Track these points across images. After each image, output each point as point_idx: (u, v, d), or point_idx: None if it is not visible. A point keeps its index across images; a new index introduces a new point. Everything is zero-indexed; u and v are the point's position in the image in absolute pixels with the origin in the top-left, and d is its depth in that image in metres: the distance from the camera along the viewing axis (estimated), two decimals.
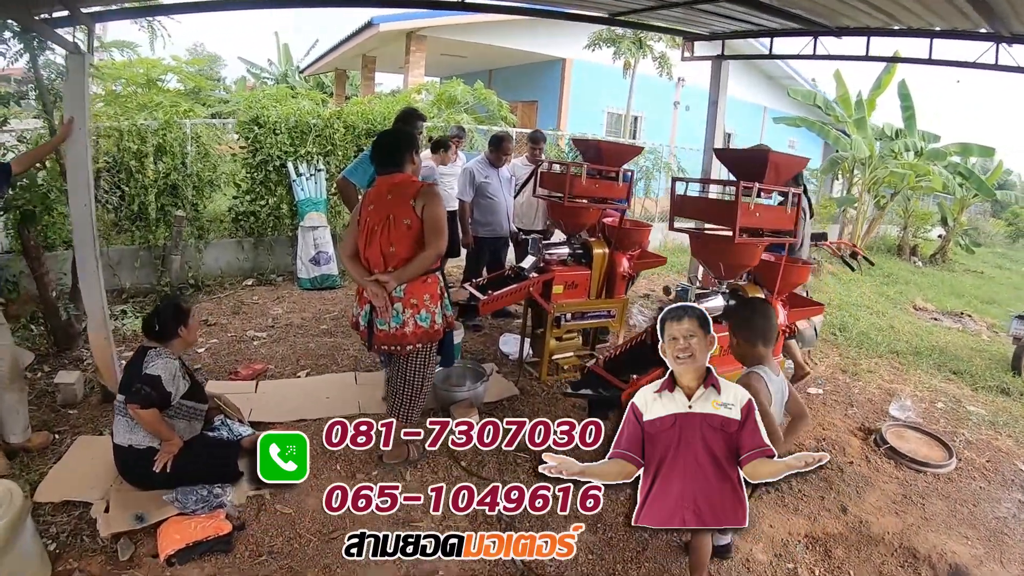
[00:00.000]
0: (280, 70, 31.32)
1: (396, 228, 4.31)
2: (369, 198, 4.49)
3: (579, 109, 21.03)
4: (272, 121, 9.97)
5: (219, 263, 10.03)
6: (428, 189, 4.40)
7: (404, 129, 5.69)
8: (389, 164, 4.46)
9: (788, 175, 5.08)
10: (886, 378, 7.95)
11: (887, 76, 17.72)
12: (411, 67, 18.20)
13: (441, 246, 4.39)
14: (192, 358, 6.79)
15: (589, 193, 6.49)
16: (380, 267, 4.39)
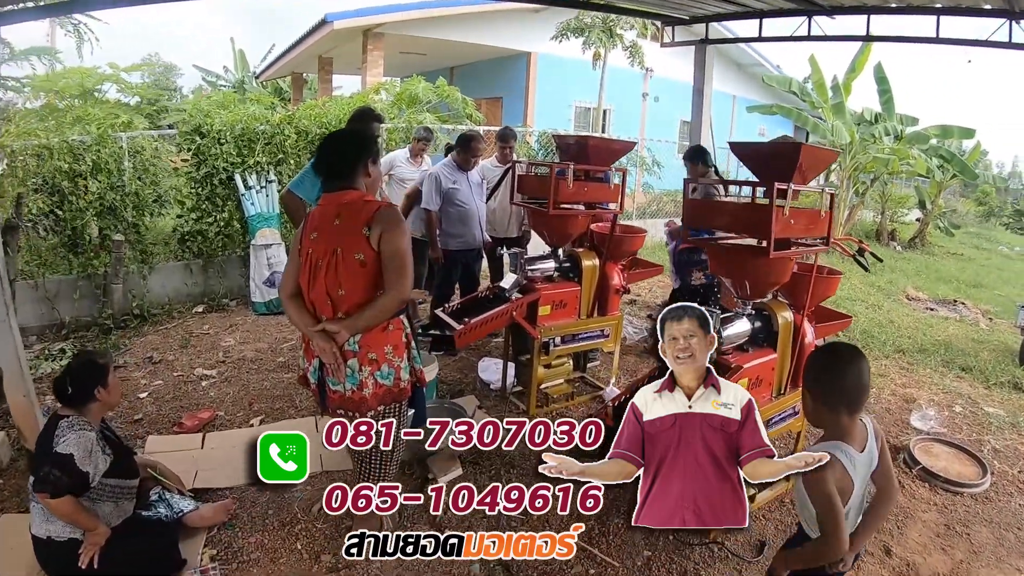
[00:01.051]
0: (237, 77, 30.56)
1: (345, 264, 3.38)
2: (312, 222, 3.54)
3: (546, 104, 20.38)
4: (216, 130, 9.18)
5: (166, 289, 9.22)
6: (387, 212, 3.42)
7: (359, 130, 4.48)
8: (336, 177, 3.52)
9: (820, 170, 4.55)
10: (898, 382, 7.63)
11: (861, 59, 17.43)
12: (369, 66, 17.43)
13: (404, 289, 3.42)
14: (133, 405, 6.17)
15: (577, 198, 5.72)
16: (328, 312, 3.47)
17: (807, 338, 4.71)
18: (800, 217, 4.11)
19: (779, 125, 25.71)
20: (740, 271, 4.35)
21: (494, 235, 7.70)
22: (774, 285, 4.46)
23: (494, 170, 7.82)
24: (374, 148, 3.68)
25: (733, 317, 4.39)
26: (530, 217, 6.55)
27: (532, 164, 6.69)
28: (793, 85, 17.96)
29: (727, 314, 4.42)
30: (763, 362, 4.48)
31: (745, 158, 4.60)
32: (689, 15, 8.97)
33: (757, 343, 4.58)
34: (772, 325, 4.62)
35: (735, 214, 4.34)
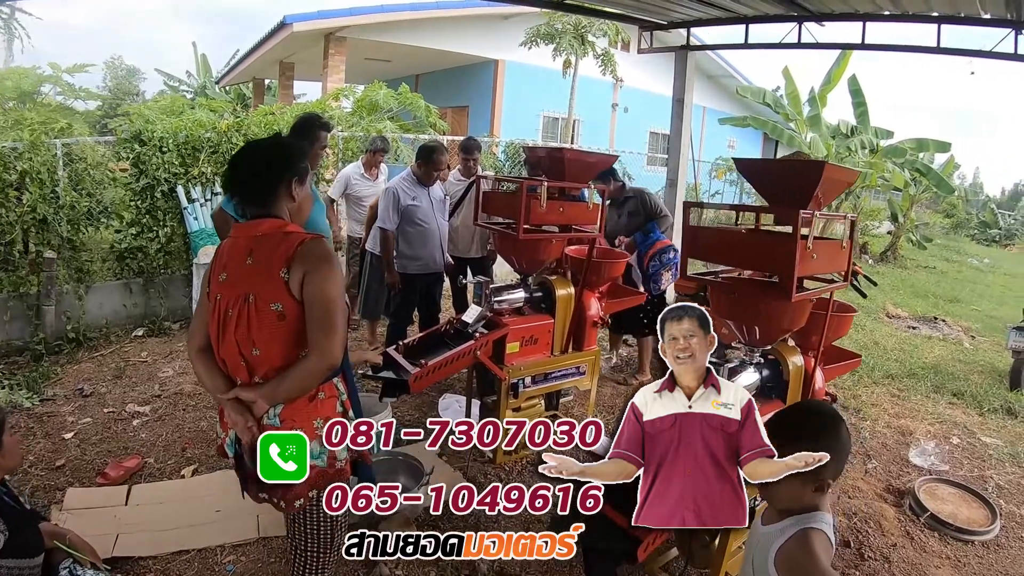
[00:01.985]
0: (199, 82, 30.14)
1: (259, 316, 2.63)
2: (220, 260, 2.78)
3: (513, 114, 19.84)
4: (158, 137, 8.44)
5: (104, 310, 8.48)
6: (313, 248, 2.66)
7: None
8: (249, 201, 2.80)
9: (838, 193, 4.08)
10: (891, 411, 7.37)
11: (838, 70, 17.36)
12: (330, 71, 16.82)
13: (332, 351, 2.63)
14: (57, 447, 5.55)
15: (550, 220, 5.06)
16: (243, 375, 2.73)
17: (817, 384, 4.13)
18: (822, 250, 3.48)
19: (750, 137, 25.49)
20: (751, 315, 3.72)
21: (456, 255, 7.08)
22: (789, 331, 3.86)
23: (457, 184, 7.22)
24: (300, 164, 2.87)
25: (739, 368, 3.78)
26: (496, 241, 5.87)
27: (500, 179, 5.97)
28: (767, 96, 17.65)
29: (731, 365, 3.77)
30: None
31: (754, 177, 3.95)
32: (667, 20, 8.48)
33: (765, 394, 3.98)
34: (782, 373, 4.01)
35: (749, 246, 3.67)
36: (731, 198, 17.98)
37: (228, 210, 4.45)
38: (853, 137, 17.89)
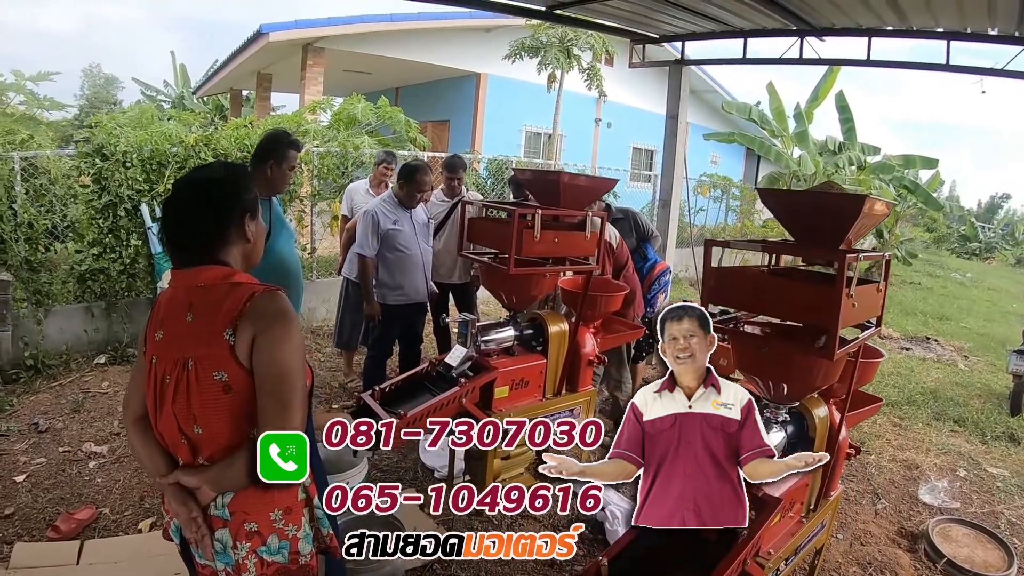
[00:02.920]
0: (177, 92, 29.82)
1: (200, 387, 2.15)
2: (157, 314, 2.32)
3: (495, 128, 19.52)
4: (121, 152, 7.94)
5: (64, 335, 8.01)
6: (264, 304, 2.20)
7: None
8: (185, 247, 2.28)
9: (871, 229, 3.80)
10: (894, 443, 7.20)
11: (825, 86, 17.15)
12: (308, 83, 16.49)
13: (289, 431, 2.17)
14: (8, 492, 5.16)
15: (545, 252, 4.57)
16: (184, 454, 2.25)
17: (841, 434, 3.71)
18: (861, 297, 3.05)
19: (733, 153, 25.34)
20: (780, 372, 3.30)
21: (437, 280, 6.65)
22: (821, 388, 3.44)
23: (439, 205, 6.83)
24: (249, 196, 2.37)
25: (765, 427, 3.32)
26: (483, 274, 5.40)
27: (489, 205, 5.46)
28: (753, 112, 17.41)
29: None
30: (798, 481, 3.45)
31: (779, 210, 3.48)
32: (660, 33, 8.14)
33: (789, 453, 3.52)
34: (807, 429, 3.61)
35: (783, 294, 3.18)
36: (715, 215, 17.66)
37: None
38: (841, 154, 17.78)
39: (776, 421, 3.45)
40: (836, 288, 2.81)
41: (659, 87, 18.55)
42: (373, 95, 14.78)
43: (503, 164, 12.78)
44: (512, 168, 9.56)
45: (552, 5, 7.14)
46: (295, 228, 9.45)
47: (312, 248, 9.90)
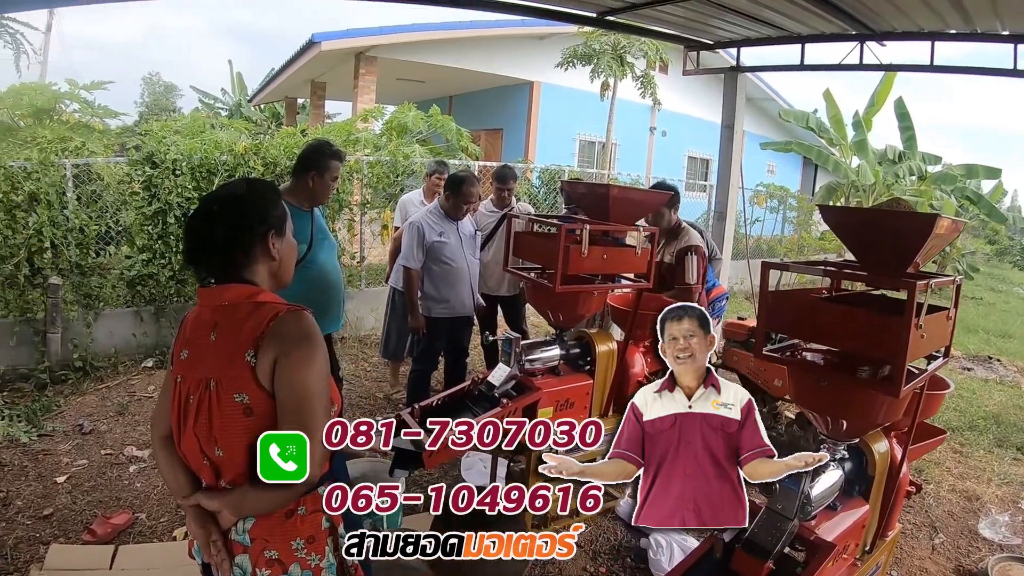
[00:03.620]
0: (234, 100, 30.13)
1: (222, 409, 2.08)
2: (184, 332, 2.25)
3: (549, 137, 19.38)
4: (171, 159, 8.00)
5: (113, 339, 8.13)
6: (288, 325, 2.10)
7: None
8: (207, 263, 2.20)
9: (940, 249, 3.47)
10: (954, 471, 6.75)
11: (882, 93, 16.62)
12: (360, 92, 16.47)
13: (311, 462, 2.07)
14: (48, 493, 5.22)
15: (593, 269, 4.42)
16: (207, 475, 2.18)
17: (902, 471, 3.50)
18: (930, 327, 2.81)
19: (790, 162, 24.97)
20: (840, 407, 3.08)
21: (485, 292, 6.53)
22: (883, 425, 3.23)
23: (489, 216, 6.72)
24: (275, 212, 2.28)
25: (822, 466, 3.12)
26: (530, 292, 5.23)
27: (534, 219, 5.30)
28: (810, 121, 17.05)
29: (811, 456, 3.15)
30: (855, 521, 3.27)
31: (842, 229, 3.25)
32: (715, 39, 7.96)
33: (847, 492, 3.36)
34: (866, 466, 3.41)
35: (845, 323, 2.93)
36: (772, 226, 17.31)
37: None
38: (901, 163, 17.40)
39: (834, 458, 3.23)
40: (904, 319, 2.61)
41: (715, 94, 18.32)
42: (426, 103, 14.75)
43: (556, 174, 12.65)
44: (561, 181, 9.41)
45: (603, 12, 7.00)
46: (345, 236, 9.42)
47: (362, 257, 9.87)
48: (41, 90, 10.42)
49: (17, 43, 9.18)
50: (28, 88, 10.40)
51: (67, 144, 9.11)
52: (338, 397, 2.32)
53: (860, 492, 3.43)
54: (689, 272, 5.38)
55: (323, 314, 4.51)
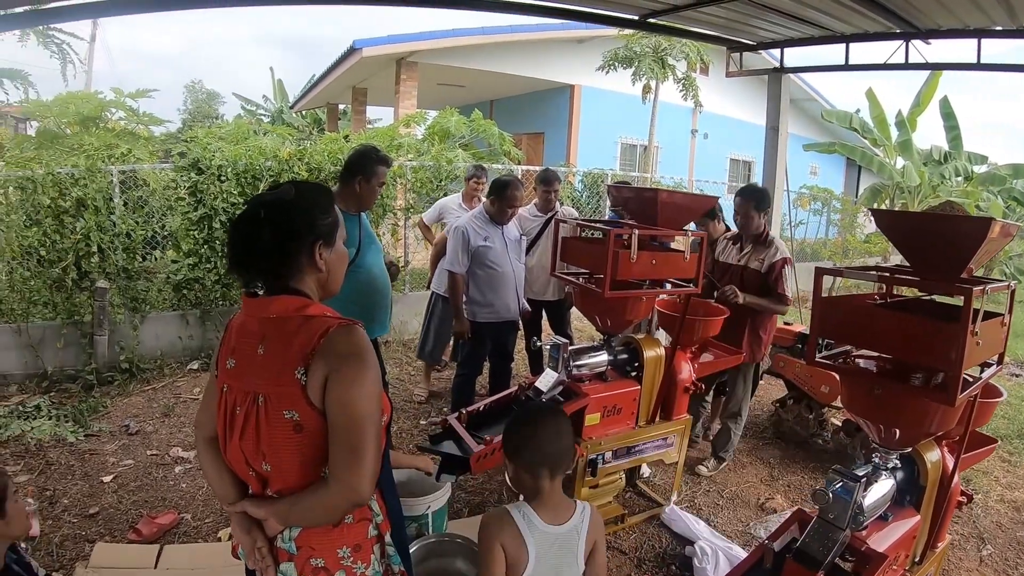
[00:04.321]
0: (275, 106, 30.42)
1: (270, 424, 2.01)
2: (229, 340, 2.19)
3: (590, 140, 19.27)
4: (216, 166, 8.10)
5: (159, 341, 8.24)
6: (340, 341, 2.01)
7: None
8: (256, 271, 2.11)
9: (994, 255, 3.27)
10: (1003, 481, 6.53)
11: (927, 92, 16.38)
12: (402, 97, 16.51)
13: (357, 486, 1.98)
14: (94, 492, 5.25)
15: (642, 274, 4.34)
16: (254, 484, 2.16)
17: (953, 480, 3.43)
18: (985, 333, 2.73)
19: (833, 163, 24.71)
20: (893, 416, 3.00)
21: (531, 297, 6.49)
22: (936, 434, 3.15)
23: (533, 220, 6.69)
24: (324, 222, 2.16)
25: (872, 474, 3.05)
26: (577, 297, 5.16)
27: (582, 224, 5.25)
28: (853, 121, 16.82)
29: (863, 471, 3.04)
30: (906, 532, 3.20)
31: (894, 232, 3.17)
32: (758, 40, 7.87)
33: (898, 502, 3.29)
34: (918, 475, 3.34)
35: (897, 330, 2.82)
36: (816, 229, 17.09)
37: None
38: (946, 163, 17.13)
39: (886, 467, 3.17)
40: (960, 325, 2.52)
41: (756, 96, 18.20)
42: (468, 108, 14.74)
43: (599, 178, 12.60)
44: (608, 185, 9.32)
45: (645, 14, 6.96)
46: (389, 241, 9.46)
47: (406, 261, 9.91)
48: (87, 99, 10.57)
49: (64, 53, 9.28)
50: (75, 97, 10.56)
51: (113, 151, 9.24)
52: (388, 406, 2.22)
53: (911, 502, 3.36)
54: (788, 284, 5.37)
55: (371, 319, 4.54)
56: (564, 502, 2.59)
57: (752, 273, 5.49)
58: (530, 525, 2.46)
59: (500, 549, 2.42)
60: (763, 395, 7.52)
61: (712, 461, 5.82)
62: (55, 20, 6.62)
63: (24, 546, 3.35)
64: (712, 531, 4.77)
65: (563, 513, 2.55)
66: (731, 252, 5.73)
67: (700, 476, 5.71)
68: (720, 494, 5.47)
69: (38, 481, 5.41)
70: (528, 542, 2.44)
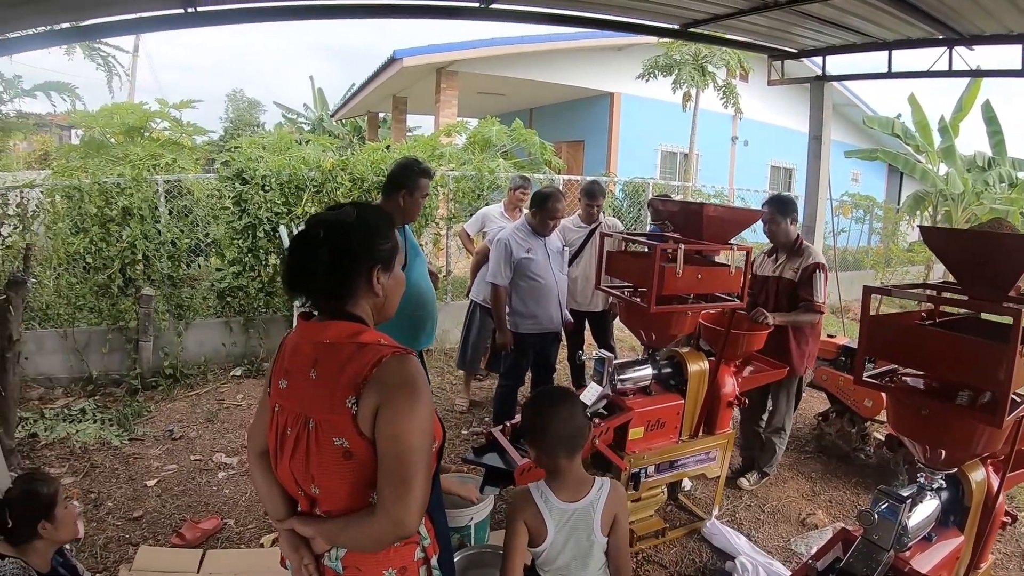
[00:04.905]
0: (316, 115, 30.64)
1: (320, 449, 2.01)
2: (282, 360, 2.20)
3: (630, 148, 19.22)
4: (260, 176, 8.23)
5: (203, 348, 8.40)
6: (392, 372, 1.98)
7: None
8: (314, 291, 2.11)
9: None
10: None
11: (969, 96, 16.11)
12: (442, 106, 16.56)
13: (404, 519, 1.94)
14: (138, 495, 5.38)
15: (687, 289, 4.33)
16: (303, 503, 2.16)
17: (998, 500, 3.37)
18: None
19: (875, 170, 24.41)
20: (939, 436, 2.96)
21: (574, 308, 6.50)
22: (982, 454, 3.10)
23: (577, 231, 6.69)
24: (383, 247, 2.16)
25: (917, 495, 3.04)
26: (623, 311, 5.13)
27: (627, 237, 5.24)
28: (896, 127, 16.59)
29: (908, 492, 3.03)
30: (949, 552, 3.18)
31: (943, 250, 3.16)
32: (799, 48, 7.82)
33: (942, 523, 3.26)
34: (963, 495, 3.29)
35: (942, 350, 2.78)
36: (857, 237, 16.87)
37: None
38: (990, 170, 16.87)
39: (931, 488, 3.14)
40: (1009, 346, 2.48)
41: (797, 102, 18.05)
42: (507, 116, 14.76)
43: (639, 187, 12.58)
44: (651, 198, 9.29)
45: (686, 24, 6.94)
46: (431, 250, 9.51)
47: (448, 270, 9.96)
48: (133, 109, 10.75)
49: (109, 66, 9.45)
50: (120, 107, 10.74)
51: (158, 160, 9.38)
52: (440, 431, 2.21)
53: (955, 522, 3.32)
54: (817, 290, 5.25)
55: (418, 330, 4.54)
56: (583, 479, 2.82)
57: (787, 283, 5.43)
58: (548, 503, 2.73)
59: (523, 524, 2.72)
60: (805, 408, 7.42)
61: (754, 475, 5.75)
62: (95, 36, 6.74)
63: (69, 548, 3.42)
64: (753, 546, 4.74)
65: (581, 490, 2.77)
66: (767, 264, 5.66)
67: (741, 489, 5.67)
68: (761, 508, 5.43)
69: (83, 484, 5.52)
70: (547, 518, 2.71)
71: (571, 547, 2.73)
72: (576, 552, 2.74)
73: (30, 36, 5.50)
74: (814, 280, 5.24)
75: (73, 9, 5.10)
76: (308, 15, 6.36)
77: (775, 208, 5.50)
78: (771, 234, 5.57)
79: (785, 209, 5.47)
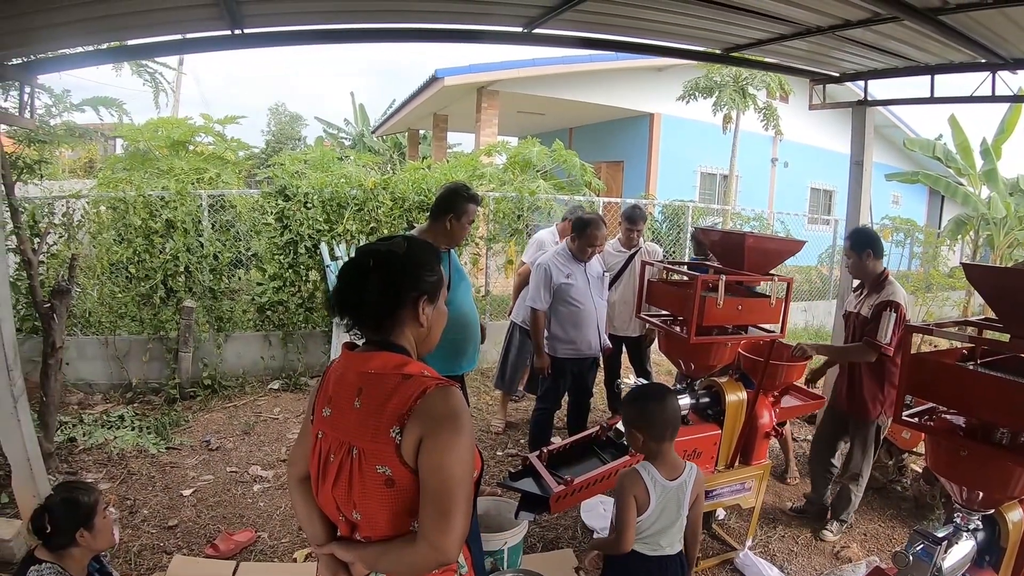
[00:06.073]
0: (357, 130, 30.79)
1: (363, 477, 2.03)
2: (326, 387, 2.22)
3: (670, 169, 19.12)
4: (303, 193, 8.36)
5: (242, 360, 8.56)
6: (436, 404, 2.00)
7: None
8: (361, 318, 2.14)
9: None
10: None
11: (1012, 118, 15.73)
12: (483, 125, 16.60)
13: (446, 548, 1.95)
14: (174, 504, 5.50)
15: (727, 320, 4.35)
16: (342, 528, 2.19)
17: None
18: None
19: (915, 192, 24.19)
20: (978, 478, 2.93)
21: (612, 333, 6.51)
22: (1021, 497, 3.05)
23: (616, 255, 6.73)
24: (430, 279, 2.20)
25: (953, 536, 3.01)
26: (663, 341, 5.12)
27: (668, 267, 5.26)
28: (937, 150, 16.36)
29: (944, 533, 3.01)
30: None
31: (986, 288, 3.11)
32: (840, 71, 7.78)
33: (977, 564, 3.21)
34: (999, 536, 3.24)
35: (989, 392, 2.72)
36: (897, 261, 16.74)
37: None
38: None
39: (967, 528, 3.11)
40: None
41: (837, 123, 17.92)
42: (547, 135, 14.76)
43: (679, 209, 12.54)
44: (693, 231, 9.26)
45: (728, 48, 6.94)
46: (471, 270, 9.56)
47: (487, 290, 10.00)
48: (177, 124, 10.90)
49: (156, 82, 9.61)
50: (164, 122, 10.90)
51: (202, 175, 9.52)
52: (479, 462, 2.21)
53: (990, 563, 3.27)
54: (883, 329, 4.93)
55: (461, 354, 4.56)
56: (677, 460, 3.35)
57: (862, 320, 5.22)
58: (653, 480, 3.20)
59: (633, 499, 3.16)
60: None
61: (834, 524, 5.51)
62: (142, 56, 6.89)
63: (105, 554, 3.48)
64: (770, 565, 4.73)
65: (677, 469, 3.30)
66: (852, 300, 5.49)
67: (824, 541, 5.40)
68: (795, 540, 5.38)
69: (119, 490, 5.61)
70: (652, 493, 3.18)
71: (664, 519, 3.20)
72: (666, 523, 3.20)
73: (79, 54, 5.61)
74: (882, 318, 4.98)
75: (120, 29, 5.21)
76: (353, 39, 6.41)
77: (848, 243, 5.41)
78: (852, 272, 5.48)
79: (857, 244, 5.32)
